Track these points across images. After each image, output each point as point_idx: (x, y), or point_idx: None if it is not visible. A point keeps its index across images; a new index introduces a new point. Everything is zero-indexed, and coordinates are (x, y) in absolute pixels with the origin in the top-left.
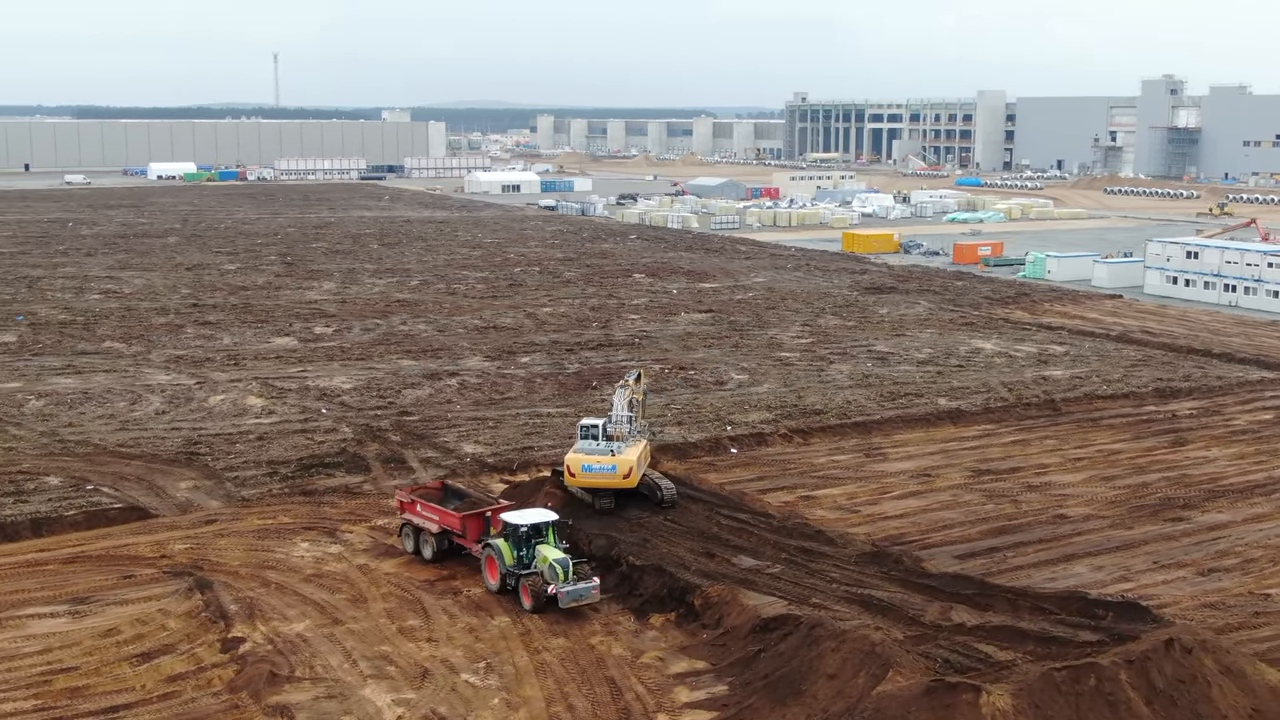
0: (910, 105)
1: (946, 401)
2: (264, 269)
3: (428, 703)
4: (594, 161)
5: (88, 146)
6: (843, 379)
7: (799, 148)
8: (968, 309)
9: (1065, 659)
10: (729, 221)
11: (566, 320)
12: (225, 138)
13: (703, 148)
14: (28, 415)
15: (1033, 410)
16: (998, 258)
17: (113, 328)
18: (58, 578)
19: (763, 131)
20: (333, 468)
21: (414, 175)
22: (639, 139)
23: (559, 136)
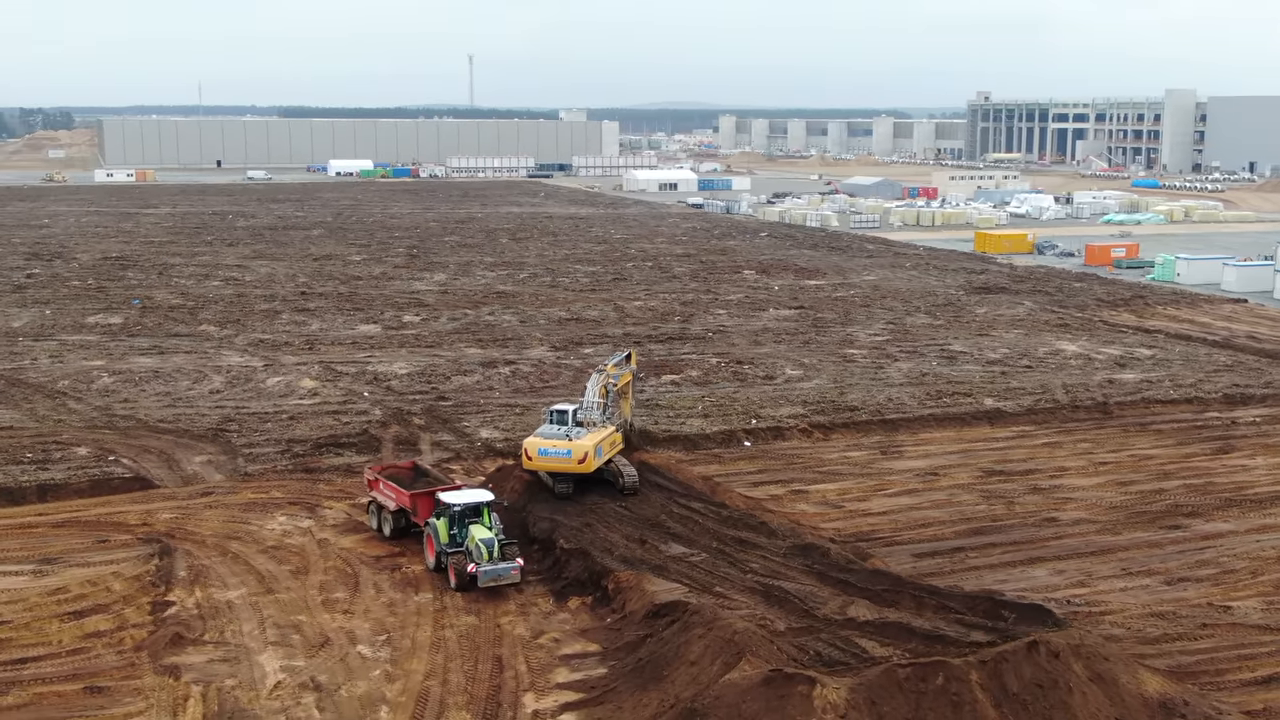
0: (1095, 105)
1: (993, 402)
2: (386, 260)
3: (311, 670)
4: (769, 161)
5: (276, 144)
6: (897, 377)
7: (980, 148)
8: (1072, 310)
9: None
10: (870, 221)
11: (652, 314)
12: (405, 136)
13: (882, 148)
14: (92, 391)
15: (1080, 413)
16: (1131, 260)
17: (214, 313)
18: (40, 540)
19: (944, 131)
20: (345, 448)
21: (580, 174)
22: (819, 139)
23: (740, 137)
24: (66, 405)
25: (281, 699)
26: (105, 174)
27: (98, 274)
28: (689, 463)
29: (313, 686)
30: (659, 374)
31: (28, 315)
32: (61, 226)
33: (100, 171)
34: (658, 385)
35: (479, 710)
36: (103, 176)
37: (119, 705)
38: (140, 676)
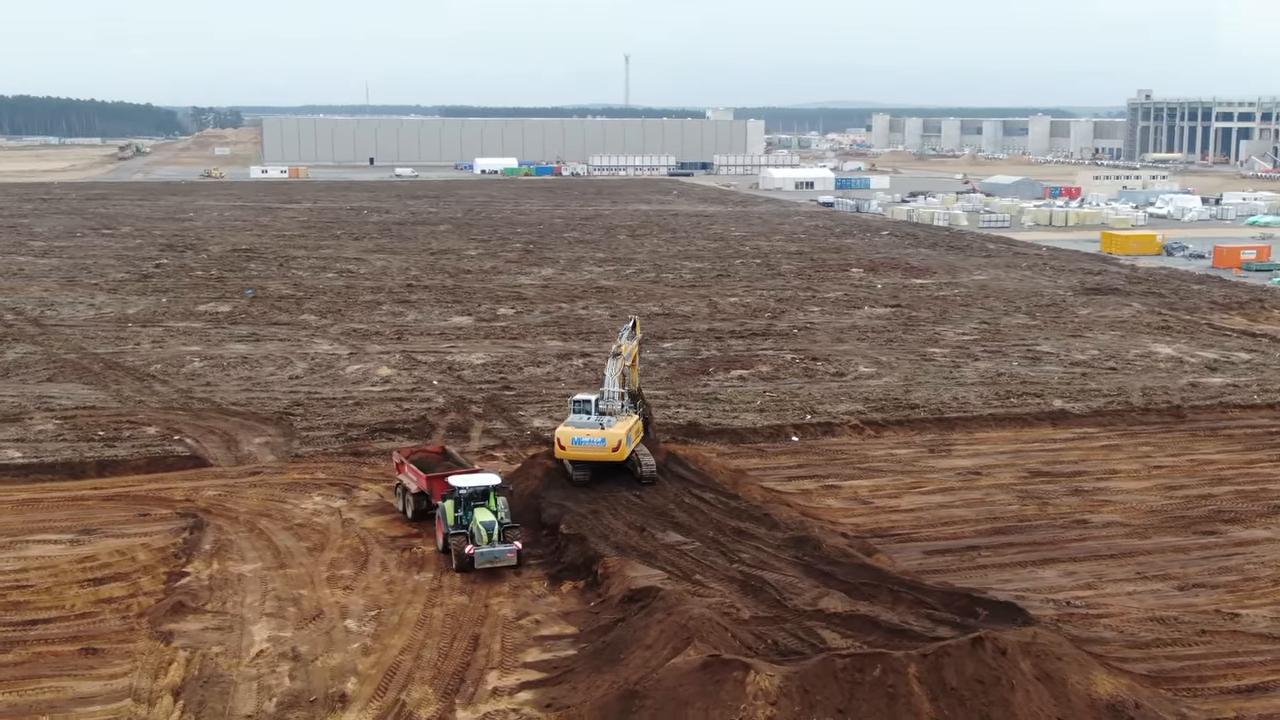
0: (1262, 104)
1: (1061, 403)
2: (501, 255)
3: (295, 641)
4: (918, 160)
5: (427, 143)
6: (971, 376)
7: (1139, 147)
8: (1180, 313)
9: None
10: (1000, 220)
11: (744, 310)
12: (551, 135)
13: (1038, 147)
14: (180, 374)
15: (1150, 416)
16: (1261, 262)
17: (319, 303)
18: (86, 511)
19: (1102, 131)
20: (398, 433)
21: (722, 172)
22: (973, 138)
23: (894, 136)
24: (152, 387)
25: (259, 667)
26: (260, 170)
27: (222, 265)
28: (730, 455)
29: (292, 656)
30: (728, 369)
31: (144, 302)
32: (204, 220)
33: (255, 168)
34: (725, 380)
35: (443, 685)
36: (258, 173)
37: (108, 666)
38: (135, 641)
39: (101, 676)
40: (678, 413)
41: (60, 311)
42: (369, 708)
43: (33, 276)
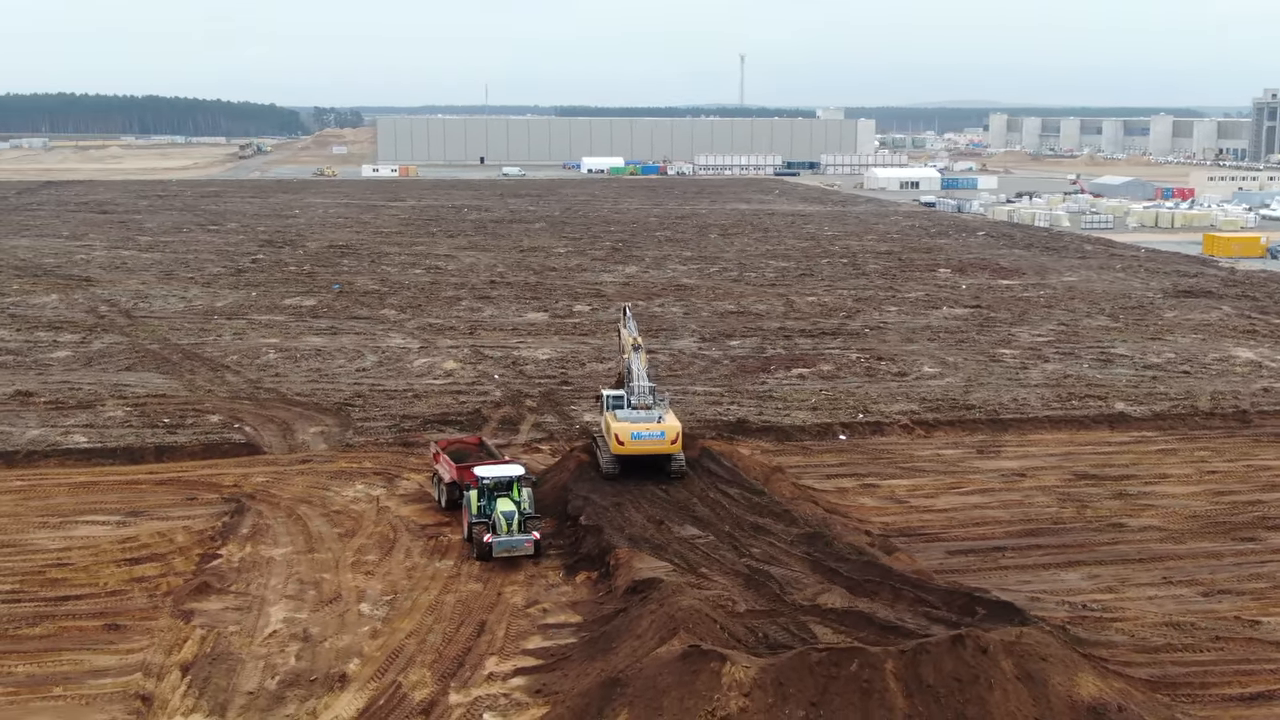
0: None
1: (1124, 406)
2: (589, 253)
3: (307, 623)
4: (1033, 160)
5: (536, 142)
6: (1037, 378)
7: (1265, 147)
8: (1271, 317)
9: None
10: (1103, 221)
11: (820, 309)
12: (660, 134)
13: (1159, 148)
14: (253, 365)
15: (1214, 420)
16: None
17: (402, 298)
18: (138, 495)
19: (1227, 131)
20: (451, 425)
21: (828, 172)
22: (1093, 138)
23: (1011, 136)
24: (224, 377)
25: (269, 646)
26: (371, 169)
27: (316, 260)
28: (773, 453)
29: (302, 637)
30: (790, 367)
31: (234, 296)
32: (308, 217)
33: (367, 167)
34: (784, 378)
35: (441, 668)
36: (369, 171)
37: (127, 642)
38: (157, 619)
39: (119, 651)
40: (729, 410)
41: (152, 303)
42: (366, 688)
43: (134, 270)
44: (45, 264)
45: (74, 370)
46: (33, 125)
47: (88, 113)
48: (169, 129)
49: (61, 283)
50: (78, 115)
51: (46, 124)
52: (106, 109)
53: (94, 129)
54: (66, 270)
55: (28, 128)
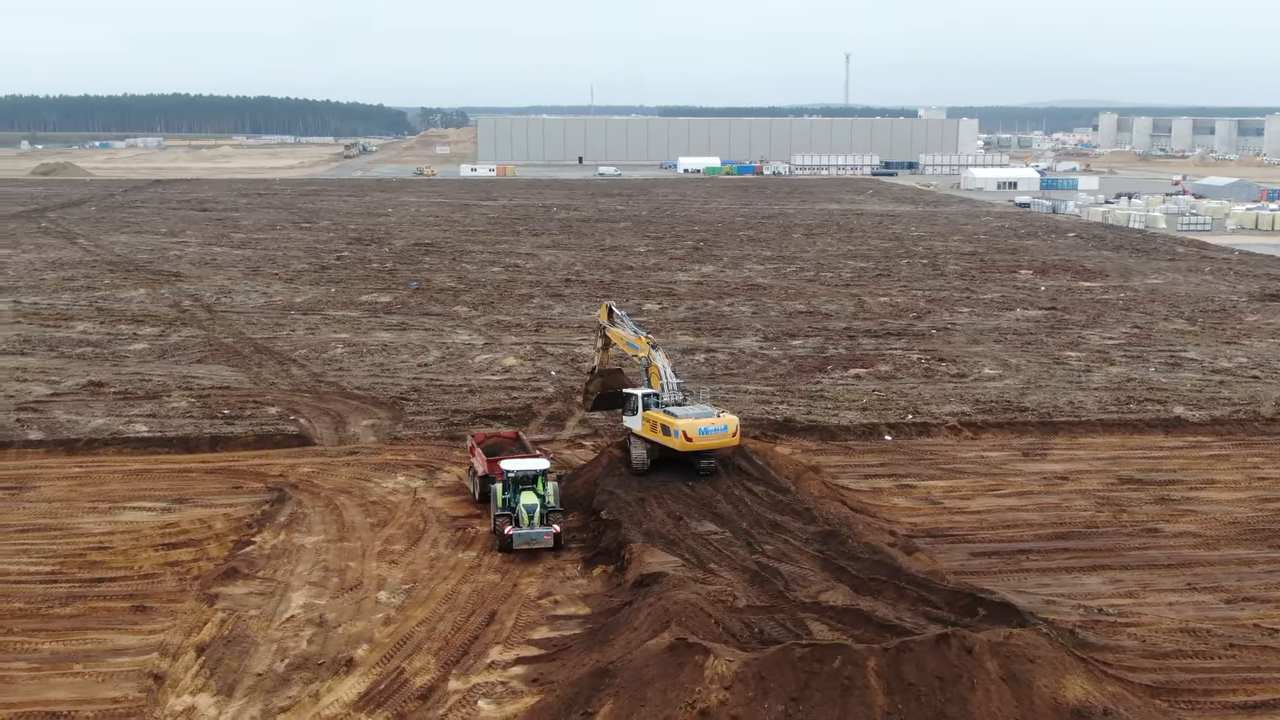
0: None
1: (1182, 410)
2: (669, 253)
3: (324, 609)
4: (1141, 161)
5: (634, 142)
6: (1099, 381)
7: None
8: None
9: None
10: (1201, 223)
11: (890, 309)
12: (758, 134)
13: (1274, 148)
14: (320, 359)
15: (1276, 427)
16: None
17: (476, 296)
18: (186, 483)
19: None
20: (499, 420)
21: (927, 172)
22: (1205, 138)
23: (1121, 135)
24: (289, 371)
25: (284, 630)
26: (469, 169)
27: (399, 258)
28: (814, 452)
29: (317, 622)
30: (847, 367)
31: (314, 292)
32: (399, 216)
33: (465, 167)
34: (839, 378)
35: (446, 656)
36: (467, 171)
37: (150, 623)
38: (183, 602)
39: (142, 632)
40: (777, 409)
41: (234, 298)
42: (371, 673)
43: (222, 265)
44: (139, 259)
45: (148, 362)
46: (149, 125)
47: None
48: (279, 129)
49: (151, 278)
50: (192, 116)
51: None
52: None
53: (207, 129)
54: (158, 265)
55: (144, 128)
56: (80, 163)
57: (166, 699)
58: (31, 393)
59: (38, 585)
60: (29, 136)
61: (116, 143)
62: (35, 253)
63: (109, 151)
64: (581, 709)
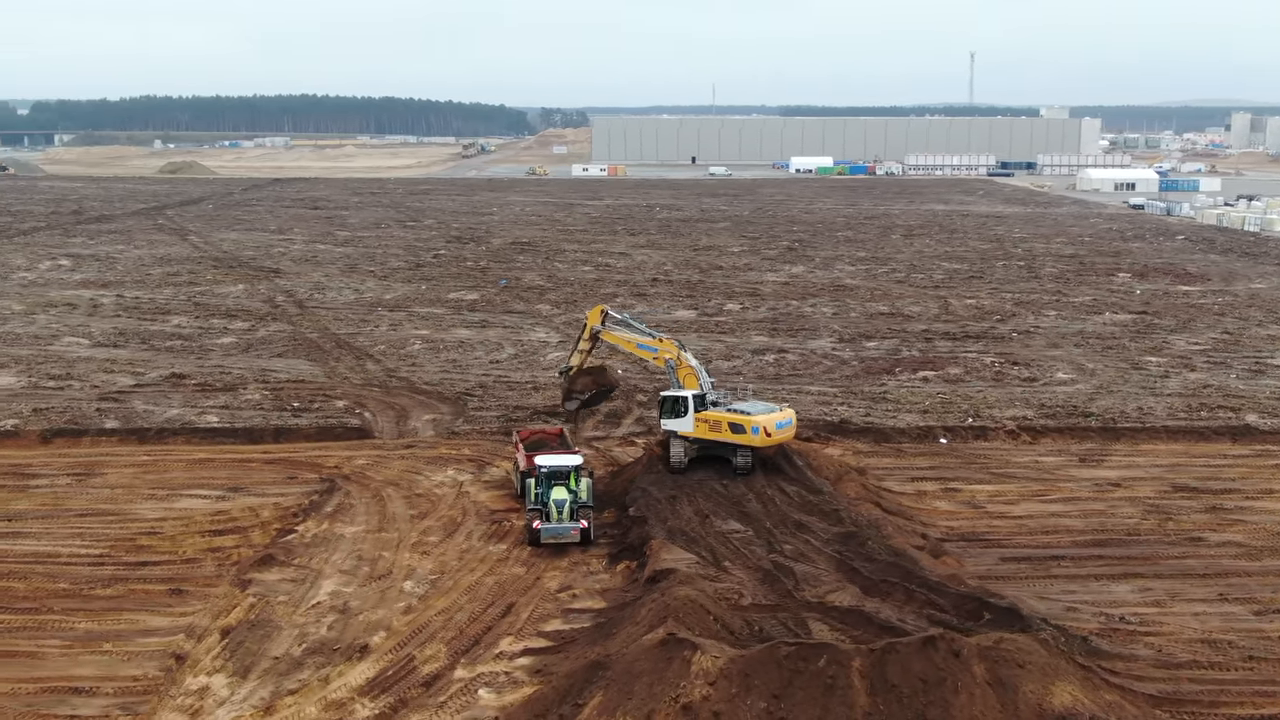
0: None
1: (1255, 419)
2: (762, 252)
3: (350, 597)
4: (1271, 161)
5: (748, 141)
6: (1174, 387)
7: None
8: None
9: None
10: None
11: (975, 312)
12: (873, 134)
13: None
14: (396, 355)
15: None
16: None
17: (561, 294)
18: (244, 472)
19: None
20: (557, 417)
21: (1045, 172)
22: None
23: (1255, 136)
24: (365, 365)
25: (308, 616)
26: (581, 169)
27: (494, 256)
28: (864, 454)
29: (341, 610)
30: (916, 370)
31: (404, 289)
32: (502, 215)
33: (577, 167)
34: (906, 380)
35: (458, 645)
36: (578, 171)
37: (183, 606)
38: (217, 586)
39: (173, 614)
40: (836, 410)
41: (327, 295)
42: (382, 660)
43: (321, 263)
44: (244, 256)
45: (231, 355)
46: (277, 125)
47: (329, 114)
48: (403, 129)
49: (251, 274)
50: (319, 116)
51: (290, 124)
52: (346, 110)
53: (333, 129)
54: (260, 262)
55: (272, 128)
56: (207, 161)
57: (184, 678)
58: (116, 383)
59: (84, 567)
60: (162, 136)
61: (245, 142)
62: (147, 249)
63: (237, 151)
64: (573, 700)
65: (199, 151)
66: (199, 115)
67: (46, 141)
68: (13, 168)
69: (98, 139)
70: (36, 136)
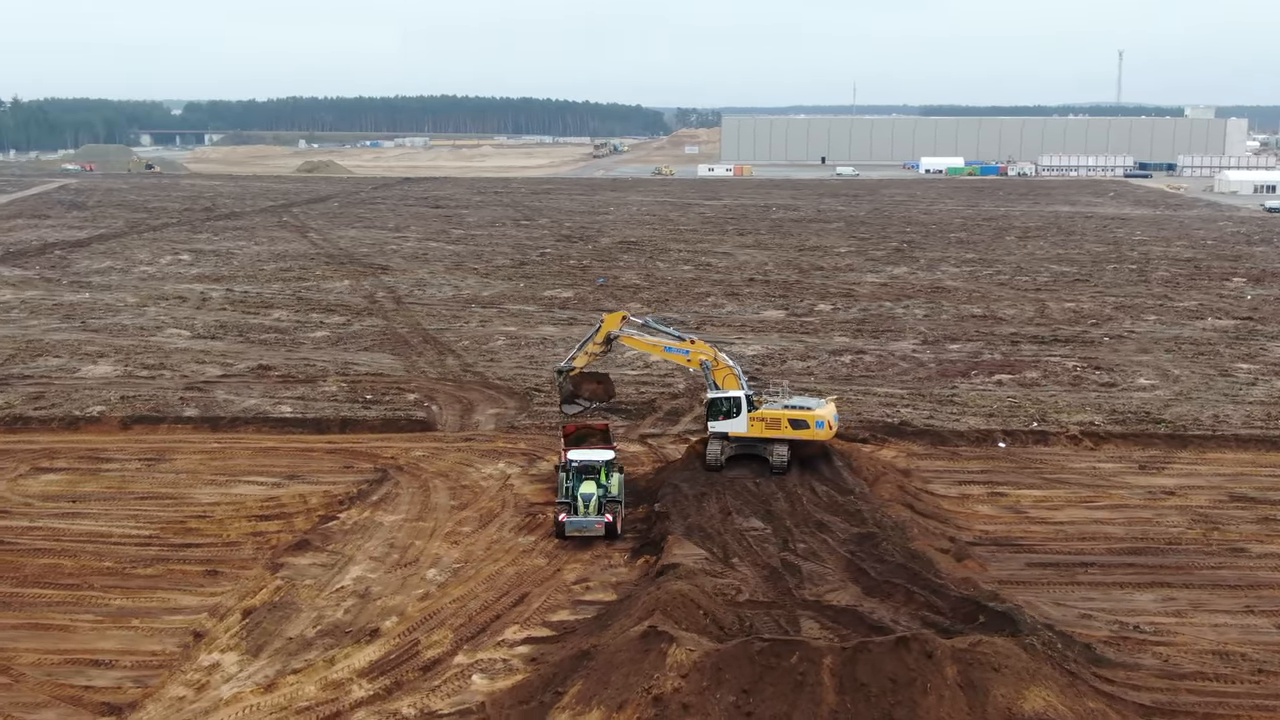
0: None
1: None
2: (869, 254)
3: (371, 581)
4: None
5: (879, 141)
6: (1260, 395)
7: None
8: None
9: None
10: None
11: (1072, 315)
12: (1009, 134)
13: None
14: (477, 350)
15: None
16: None
17: (654, 293)
18: (304, 460)
19: None
20: (619, 413)
21: (1185, 174)
22: None
23: None
24: (444, 360)
25: (329, 600)
26: (706, 169)
27: (599, 255)
28: (917, 456)
29: (361, 594)
30: (992, 373)
31: (503, 286)
32: (617, 215)
33: (703, 167)
34: (980, 384)
35: (464, 632)
36: (704, 171)
37: (215, 586)
38: (250, 569)
39: (203, 594)
40: (898, 412)
41: (426, 291)
42: (389, 643)
43: (429, 260)
44: (357, 252)
45: (320, 349)
46: (418, 126)
47: (468, 114)
48: (540, 129)
49: (360, 270)
50: (458, 116)
51: (430, 124)
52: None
53: (472, 129)
54: (371, 259)
55: (413, 128)
56: (344, 161)
57: (198, 655)
58: (204, 374)
59: (132, 547)
60: (306, 136)
61: (385, 142)
62: (266, 245)
63: (376, 151)
64: (555, 687)
65: (338, 151)
66: (343, 116)
67: (197, 141)
68: (159, 166)
69: (245, 138)
70: (188, 136)
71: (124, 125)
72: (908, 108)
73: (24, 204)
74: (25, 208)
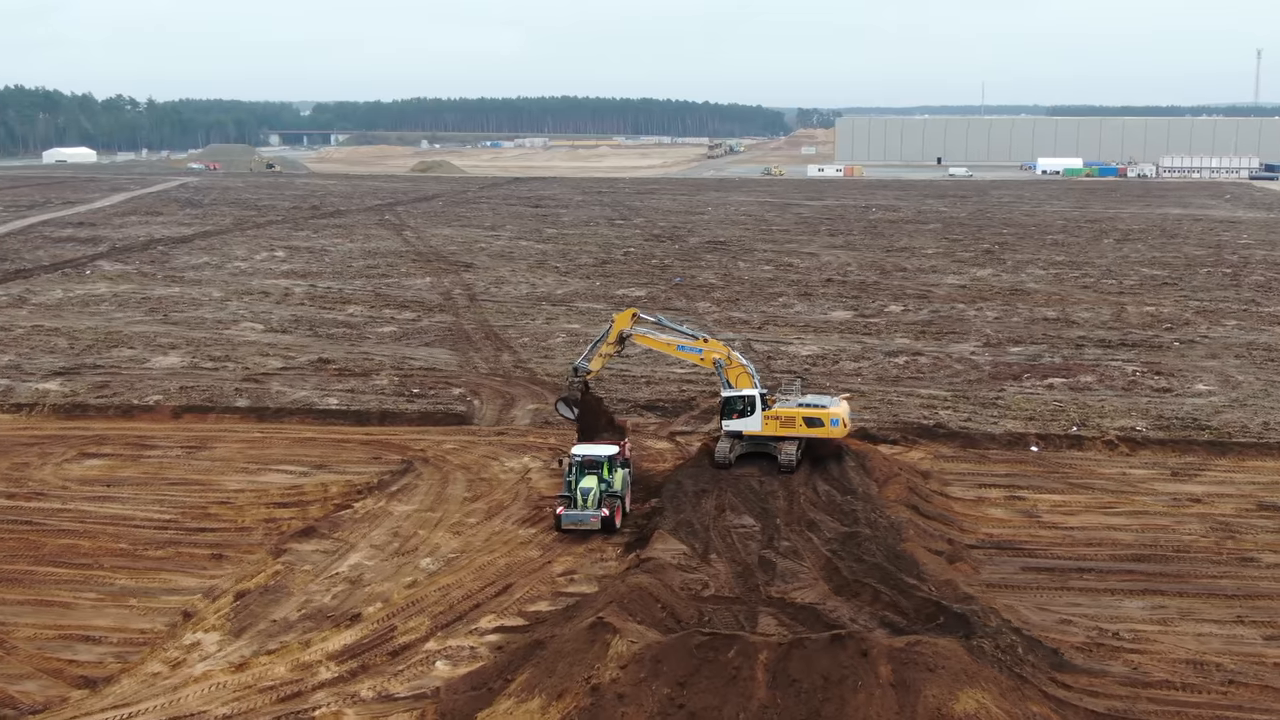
0: None
1: None
2: (957, 255)
3: (366, 567)
4: None
5: (996, 142)
6: None
7: None
8: None
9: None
10: None
11: (1147, 320)
12: (1132, 134)
13: None
14: (535, 346)
15: None
16: None
17: (728, 293)
18: (335, 451)
19: None
20: (654, 410)
21: None
22: None
23: None
24: (500, 356)
25: (320, 585)
26: (816, 169)
27: (682, 255)
28: (948, 458)
29: (352, 580)
30: (1045, 376)
31: (577, 285)
32: (714, 215)
33: (812, 167)
34: (1029, 387)
35: (440, 619)
36: (813, 172)
37: (218, 569)
38: (254, 553)
39: (204, 576)
40: (936, 413)
41: (502, 289)
42: (367, 628)
43: (514, 258)
44: (446, 250)
45: (383, 344)
46: (538, 126)
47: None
48: (659, 130)
49: (444, 267)
50: (578, 117)
51: (551, 125)
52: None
53: (591, 130)
54: (459, 257)
55: (533, 128)
56: (460, 161)
57: (183, 634)
58: (265, 366)
59: (149, 530)
60: (429, 136)
61: (505, 143)
62: (361, 242)
63: (495, 151)
64: (506, 675)
65: (456, 152)
66: (466, 116)
67: (324, 141)
68: (280, 166)
69: (369, 139)
70: (315, 137)
71: (254, 126)
72: (1037, 108)
73: (140, 201)
74: (141, 205)
